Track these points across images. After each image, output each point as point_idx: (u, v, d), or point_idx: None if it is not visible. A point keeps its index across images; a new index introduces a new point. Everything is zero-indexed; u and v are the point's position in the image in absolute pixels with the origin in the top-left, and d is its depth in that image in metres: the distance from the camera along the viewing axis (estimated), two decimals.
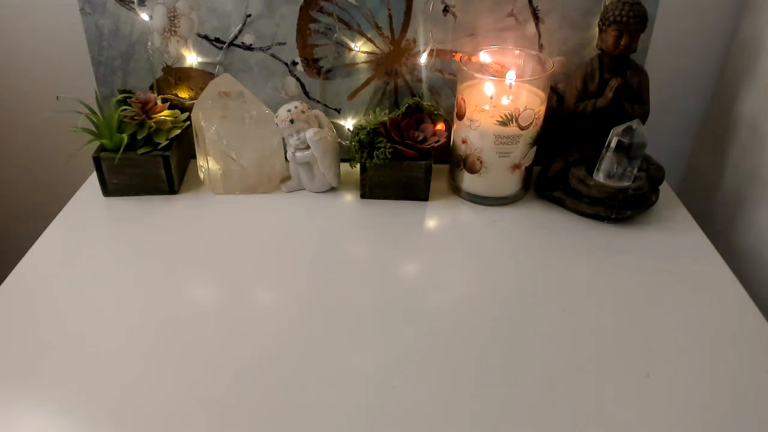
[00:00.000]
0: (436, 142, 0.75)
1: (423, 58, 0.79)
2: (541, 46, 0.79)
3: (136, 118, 0.75)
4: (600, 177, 0.74)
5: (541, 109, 0.73)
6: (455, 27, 0.77)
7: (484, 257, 0.69)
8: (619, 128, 0.71)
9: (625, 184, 0.73)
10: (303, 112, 0.74)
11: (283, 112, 0.74)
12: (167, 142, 0.76)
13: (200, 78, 0.82)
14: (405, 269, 0.67)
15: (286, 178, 0.81)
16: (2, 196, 1.06)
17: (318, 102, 0.83)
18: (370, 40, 0.79)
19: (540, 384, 0.53)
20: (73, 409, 0.50)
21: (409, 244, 0.72)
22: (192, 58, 0.80)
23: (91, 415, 0.50)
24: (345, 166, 0.82)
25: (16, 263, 0.67)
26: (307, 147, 0.75)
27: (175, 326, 0.59)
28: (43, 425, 0.49)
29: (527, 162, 0.76)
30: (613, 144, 0.71)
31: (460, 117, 0.75)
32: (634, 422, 0.50)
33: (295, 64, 0.80)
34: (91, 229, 0.73)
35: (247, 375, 0.53)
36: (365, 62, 0.80)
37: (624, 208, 0.73)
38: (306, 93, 0.83)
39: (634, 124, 0.70)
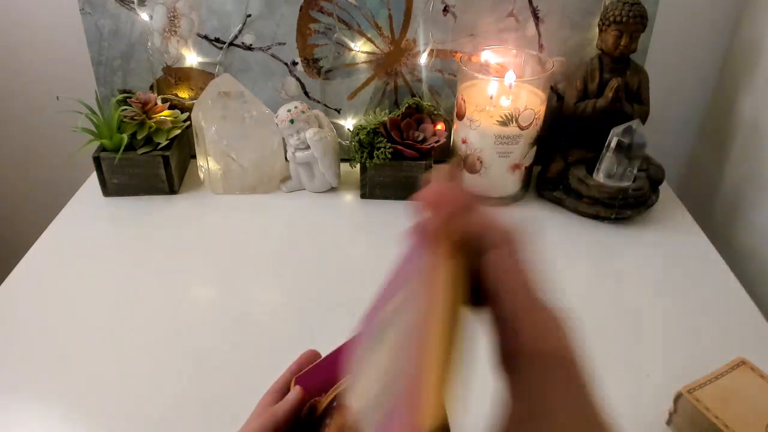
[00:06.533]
0: (436, 142, 0.75)
1: (423, 58, 0.79)
2: (541, 46, 0.79)
3: (136, 118, 0.75)
4: (600, 177, 0.74)
5: (541, 109, 0.73)
6: (455, 27, 0.77)
7: None
8: (619, 128, 0.71)
9: (625, 184, 0.73)
10: (303, 112, 0.74)
11: (283, 112, 0.74)
12: (167, 142, 0.76)
13: (200, 78, 0.82)
14: None
15: (286, 178, 0.81)
16: (2, 196, 1.06)
17: (318, 102, 0.83)
18: (370, 40, 0.79)
19: None
20: (72, 407, 0.50)
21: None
22: (192, 58, 0.80)
23: (91, 413, 0.50)
24: (345, 166, 0.82)
25: (16, 263, 0.67)
26: (307, 147, 0.75)
27: (174, 325, 0.59)
28: (43, 424, 0.49)
29: (527, 162, 0.76)
30: (613, 144, 0.71)
31: (460, 117, 0.75)
32: (635, 423, 0.50)
33: (295, 64, 0.80)
34: (91, 229, 0.73)
35: (246, 373, 0.53)
36: (365, 62, 0.80)
37: (624, 208, 0.73)
38: (306, 93, 0.83)
39: (634, 124, 0.70)
